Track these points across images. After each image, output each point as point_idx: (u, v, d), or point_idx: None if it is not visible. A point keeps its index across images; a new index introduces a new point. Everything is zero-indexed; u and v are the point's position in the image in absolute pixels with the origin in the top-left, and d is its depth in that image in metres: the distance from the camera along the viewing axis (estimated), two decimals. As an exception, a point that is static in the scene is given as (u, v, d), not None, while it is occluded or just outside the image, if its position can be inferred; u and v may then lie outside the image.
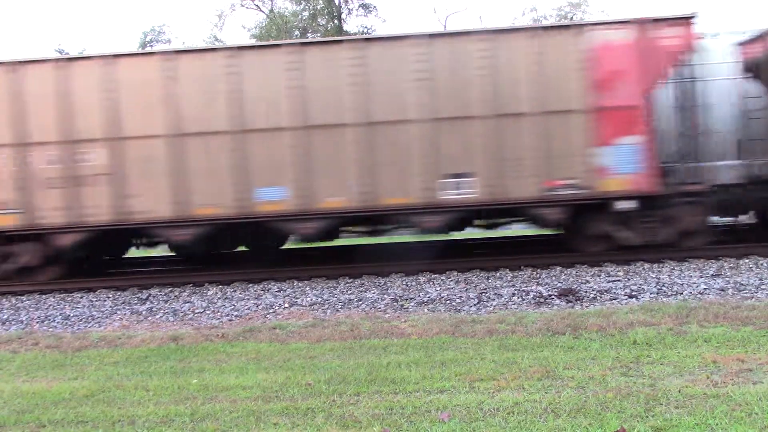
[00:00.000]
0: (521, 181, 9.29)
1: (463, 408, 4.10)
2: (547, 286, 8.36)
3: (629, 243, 9.61)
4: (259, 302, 8.35)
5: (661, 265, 9.28)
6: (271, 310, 7.91)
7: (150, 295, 9.34)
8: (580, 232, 9.86)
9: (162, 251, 12.58)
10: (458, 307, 7.59)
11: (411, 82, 9.31)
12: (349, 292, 8.81)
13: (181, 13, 49.56)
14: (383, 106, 9.36)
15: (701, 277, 8.40)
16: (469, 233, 12.53)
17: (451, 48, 9.38)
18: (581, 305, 7.39)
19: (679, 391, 4.19)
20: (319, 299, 8.32)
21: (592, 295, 7.73)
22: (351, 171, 9.40)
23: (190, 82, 9.48)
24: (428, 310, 7.58)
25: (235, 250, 12.00)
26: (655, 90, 9.32)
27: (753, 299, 7.10)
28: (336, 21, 28.99)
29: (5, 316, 8.44)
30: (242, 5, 30.94)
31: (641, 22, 9.21)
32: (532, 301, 7.66)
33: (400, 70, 9.35)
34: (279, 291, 9.09)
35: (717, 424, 3.62)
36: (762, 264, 8.95)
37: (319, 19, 29.25)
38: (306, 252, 12.22)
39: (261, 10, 30.92)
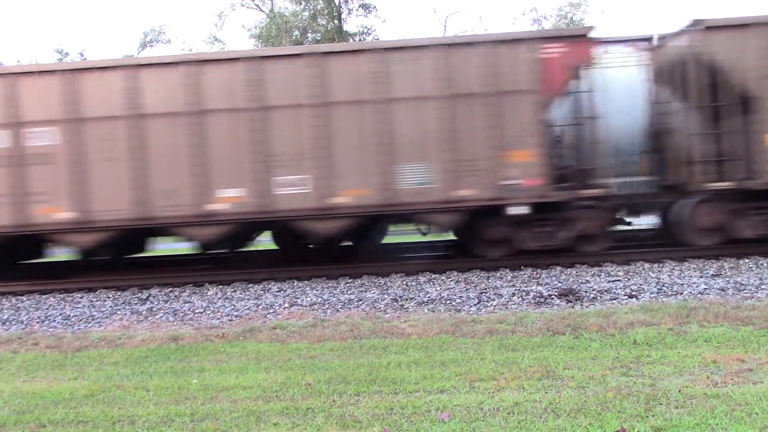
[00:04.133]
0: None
1: (463, 408, 4.10)
2: (547, 286, 8.36)
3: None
4: (259, 302, 8.35)
5: (661, 265, 9.29)
6: (271, 310, 7.92)
7: (150, 295, 9.34)
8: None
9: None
10: (458, 307, 7.59)
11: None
12: (349, 292, 8.81)
13: (181, 13, 49.61)
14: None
15: (701, 277, 8.40)
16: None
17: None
18: (581, 305, 7.39)
19: (679, 391, 4.19)
20: (319, 299, 8.32)
21: (592, 295, 7.73)
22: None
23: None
24: (428, 310, 7.58)
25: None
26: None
27: (753, 299, 7.10)
28: (336, 21, 29.00)
29: (5, 316, 8.45)
30: (242, 5, 30.98)
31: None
32: (532, 301, 7.66)
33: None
34: (279, 291, 9.10)
35: (717, 424, 3.62)
36: (762, 264, 8.96)
37: (319, 19, 29.26)
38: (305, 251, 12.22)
39: (261, 10, 30.95)
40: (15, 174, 9.58)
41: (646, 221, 12.31)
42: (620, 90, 10.80)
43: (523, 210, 9.35)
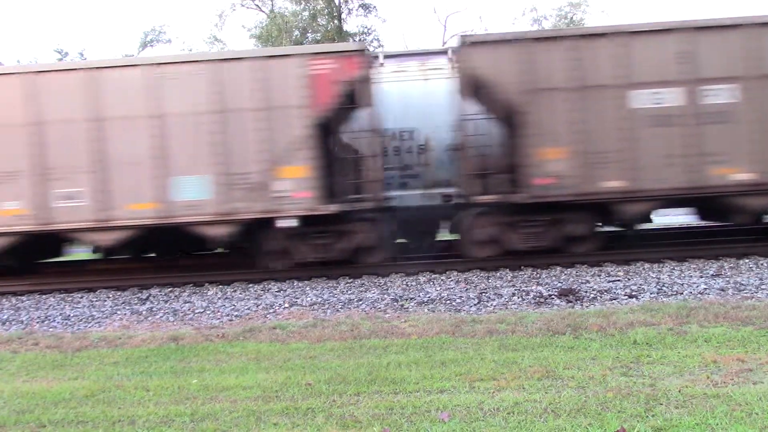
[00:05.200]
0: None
1: (463, 408, 4.10)
2: (547, 286, 8.36)
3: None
4: (259, 302, 8.35)
5: (661, 265, 9.29)
6: (271, 310, 7.91)
7: (150, 295, 9.35)
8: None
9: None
10: (458, 307, 7.59)
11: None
12: (349, 292, 8.81)
13: (182, 13, 49.63)
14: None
15: (701, 277, 8.40)
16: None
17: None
18: (581, 305, 7.39)
19: (679, 391, 4.19)
20: (320, 299, 8.32)
21: (592, 295, 7.73)
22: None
23: None
24: (428, 310, 7.58)
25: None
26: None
27: (753, 299, 7.10)
28: (336, 21, 29.01)
29: (5, 316, 8.45)
30: (242, 5, 31.02)
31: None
32: (532, 301, 7.66)
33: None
34: (279, 291, 9.10)
35: (717, 424, 3.62)
36: (762, 264, 8.96)
37: (319, 19, 29.27)
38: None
39: (261, 10, 30.96)
40: (692, 133, 9.25)
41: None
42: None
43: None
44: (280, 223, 9.47)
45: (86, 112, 9.45)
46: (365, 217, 9.83)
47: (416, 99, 11.06)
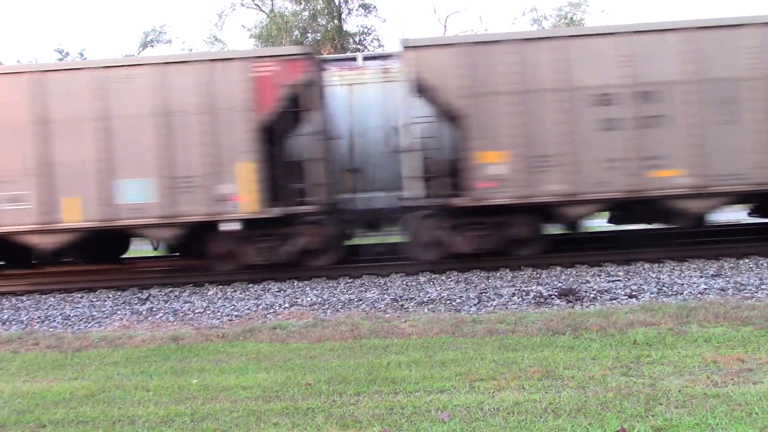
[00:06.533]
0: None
1: (463, 408, 4.10)
2: (547, 286, 8.36)
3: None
4: (259, 302, 8.35)
5: (661, 265, 9.29)
6: (271, 310, 7.92)
7: (150, 295, 9.35)
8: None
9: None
10: (458, 307, 7.59)
11: None
12: (349, 292, 8.81)
13: (182, 13, 49.63)
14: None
15: (701, 277, 8.40)
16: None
17: None
18: (581, 305, 7.39)
19: (679, 391, 4.19)
20: (319, 299, 8.32)
21: (592, 295, 7.73)
22: None
23: None
24: (428, 310, 7.58)
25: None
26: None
27: (753, 299, 7.10)
28: (336, 21, 29.01)
29: (5, 316, 8.45)
30: (242, 5, 30.97)
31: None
32: (532, 301, 7.66)
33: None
34: (279, 291, 9.10)
35: (717, 424, 3.62)
36: (762, 264, 8.95)
37: (319, 19, 29.26)
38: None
39: (261, 10, 30.94)
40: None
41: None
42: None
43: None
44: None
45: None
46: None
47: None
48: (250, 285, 9.55)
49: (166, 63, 9.60)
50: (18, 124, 9.50)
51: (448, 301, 7.84)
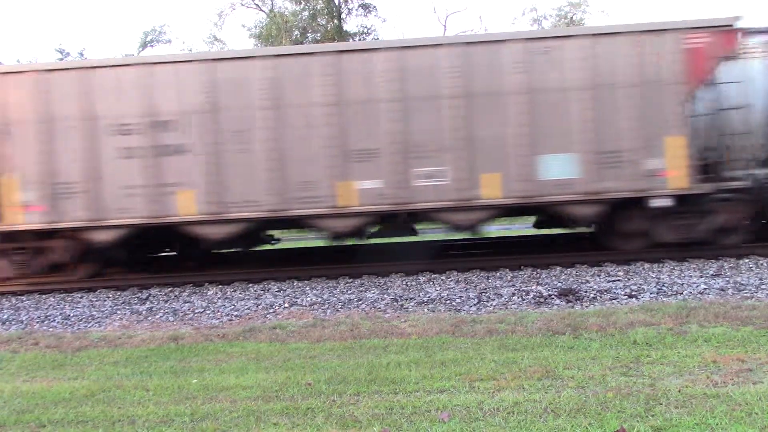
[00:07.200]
0: None
1: (463, 408, 4.10)
2: (547, 285, 8.36)
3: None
4: (259, 302, 8.35)
5: (661, 265, 9.29)
6: (271, 310, 7.92)
7: (150, 295, 9.35)
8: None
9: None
10: (458, 307, 7.59)
11: None
12: (349, 291, 8.81)
13: (182, 13, 49.63)
14: None
15: (701, 277, 8.40)
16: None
17: None
18: (581, 305, 7.39)
19: (679, 391, 4.19)
20: (319, 299, 8.32)
21: (592, 295, 7.74)
22: None
23: None
24: (428, 310, 7.58)
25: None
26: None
27: (753, 299, 7.10)
28: (336, 21, 29.00)
29: (5, 316, 8.45)
30: (242, 5, 30.95)
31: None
32: (532, 301, 7.66)
33: None
34: (279, 291, 9.10)
35: (717, 424, 3.62)
36: (762, 264, 8.96)
37: (319, 19, 29.26)
38: (306, 251, 12.22)
39: (261, 10, 30.93)
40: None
41: None
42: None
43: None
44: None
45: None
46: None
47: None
48: (250, 285, 9.55)
49: (596, 35, 9.39)
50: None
51: (448, 301, 7.84)
